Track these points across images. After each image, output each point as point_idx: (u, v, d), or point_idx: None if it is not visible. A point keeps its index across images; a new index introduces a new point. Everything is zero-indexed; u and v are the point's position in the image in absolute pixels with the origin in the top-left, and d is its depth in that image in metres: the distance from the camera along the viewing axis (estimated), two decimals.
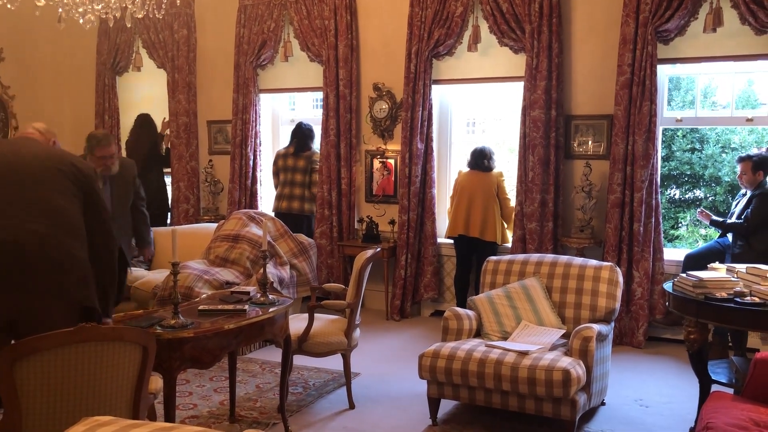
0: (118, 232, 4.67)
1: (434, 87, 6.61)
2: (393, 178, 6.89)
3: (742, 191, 5.45)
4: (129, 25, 4.82)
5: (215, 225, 6.37)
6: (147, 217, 5.19)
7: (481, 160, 6.19)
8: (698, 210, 5.76)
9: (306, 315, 4.40)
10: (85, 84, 8.53)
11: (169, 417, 3.19)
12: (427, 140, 6.59)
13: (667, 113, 6.12)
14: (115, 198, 4.69)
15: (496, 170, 6.24)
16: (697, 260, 5.28)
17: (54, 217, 2.81)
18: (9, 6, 4.59)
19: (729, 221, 5.35)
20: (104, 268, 2.99)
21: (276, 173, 6.97)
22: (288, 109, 8.11)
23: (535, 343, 4.03)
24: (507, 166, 7.22)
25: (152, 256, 5.78)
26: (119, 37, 8.21)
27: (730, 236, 5.42)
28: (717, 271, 3.88)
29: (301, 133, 6.82)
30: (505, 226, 6.31)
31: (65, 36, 7.71)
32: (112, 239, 3.04)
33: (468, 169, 6.28)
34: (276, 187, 6.98)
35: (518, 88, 6.26)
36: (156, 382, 3.14)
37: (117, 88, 8.43)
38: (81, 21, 4.54)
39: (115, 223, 4.64)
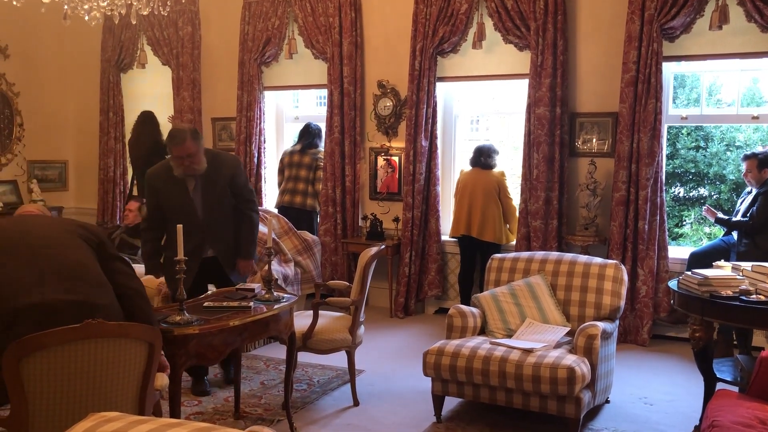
0: (212, 239, 4.28)
1: (439, 84, 6.59)
2: (397, 176, 6.88)
3: (748, 189, 5.44)
4: (134, 22, 4.83)
5: None
6: (254, 223, 4.45)
7: (481, 157, 6.17)
8: (704, 207, 5.75)
9: (310, 312, 4.40)
10: (89, 81, 8.54)
11: (175, 413, 3.19)
12: (432, 137, 6.59)
13: (672, 111, 6.11)
14: (204, 201, 4.25)
15: (498, 169, 6.22)
16: (701, 258, 5.27)
17: (72, 272, 2.69)
18: (15, 3, 4.60)
19: (734, 219, 5.33)
20: (137, 306, 2.89)
21: (281, 170, 6.98)
22: (292, 106, 8.11)
23: (539, 340, 4.03)
24: (511, 164, 7.21)
25: (252, 274, 4.89)
26: (124, 34, 8.22)
27: (735, 234, 5.41)
28: (722, 270, 3.87)
29: (310, 133, 6.85)
30: (508, 226, 6.28)
31: (70, 33, 7.73)
32: (134, 280, 2.93)
33: (470, 167, 6.28)
34: (279, 185, 6.99)
35: (523, 85, 6.25)
36: (162, 378, 3.14)
37: (121, 85, 8.44)
38: (86, 18, 4.55)
39: (209, 230, 4.24)
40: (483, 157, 6.17)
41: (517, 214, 6.25)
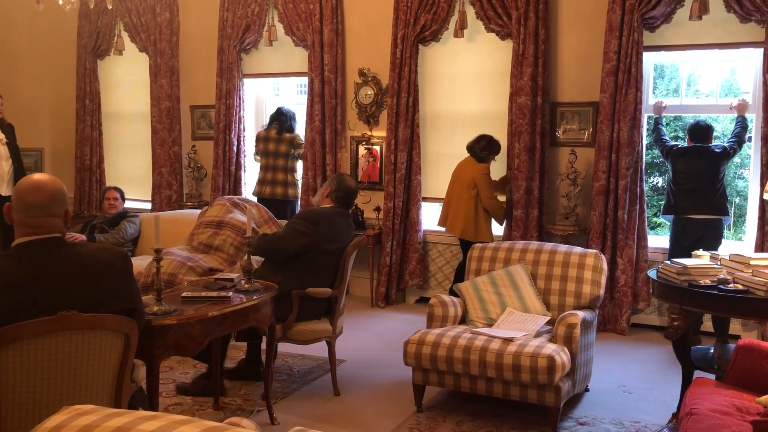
0: None
1: (420, 72, 6.55)
2: (378, 165, 6.85)
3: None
4: (110, 7, 4.74)
5: (198, 211, 6.30)
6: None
7: (474, 146, 5.83)
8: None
9: None
10: (65, 67, 8.40)
11: (153, 405, 3.15)
12: (413, 126, 6.56)
13: (651, 101, 6.12)
14: None
15: (485, 163, 5.86)
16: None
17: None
18: None
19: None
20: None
21: (258, 153, 6.91)
22: (273, 94, 8.03)
23: (520, 329, 4.04)
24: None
25: (231, 265, 5.15)
26: (100, 20, 8.08)
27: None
28: (701, 259, 3.90)
29: (284, 116, 6.74)
30: (489, 221, 5.90)
31: (46, 18, 7.58)
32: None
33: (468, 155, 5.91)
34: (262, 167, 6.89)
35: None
36: (140, 370, 3.10)
37: (98, 72, 8.31)
38: (60, 2, 4.46)
39: None
40: (476, 148, 5.80)
41: (498, 210, 5.92)
